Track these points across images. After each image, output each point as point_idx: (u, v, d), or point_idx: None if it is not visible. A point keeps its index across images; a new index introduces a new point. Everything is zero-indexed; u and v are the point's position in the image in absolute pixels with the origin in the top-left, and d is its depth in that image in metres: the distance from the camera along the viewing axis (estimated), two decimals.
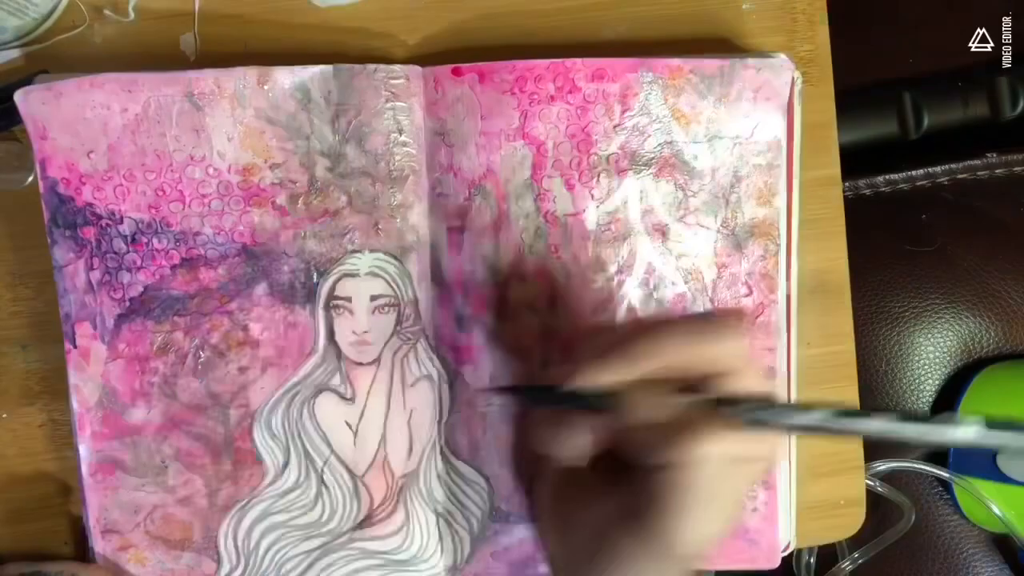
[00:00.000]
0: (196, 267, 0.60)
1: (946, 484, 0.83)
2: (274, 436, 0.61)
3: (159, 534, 0.62)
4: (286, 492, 0.62)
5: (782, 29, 0.66)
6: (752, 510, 0.63)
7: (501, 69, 0.59)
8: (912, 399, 0.85)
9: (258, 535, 0.62)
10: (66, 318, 0.60)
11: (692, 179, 0.61)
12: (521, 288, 0.61)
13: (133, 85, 0.58)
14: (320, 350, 0.61)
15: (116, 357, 0.60)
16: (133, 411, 0.61)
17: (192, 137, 0.59)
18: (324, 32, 0.64)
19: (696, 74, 0.60)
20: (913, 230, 0.85)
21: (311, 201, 0.60)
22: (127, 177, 0.59)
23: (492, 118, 0.60)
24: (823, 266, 0.66)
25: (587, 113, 0.60)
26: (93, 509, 0.62)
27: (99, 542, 0.62)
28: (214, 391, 0.61)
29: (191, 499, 0.62)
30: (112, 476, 0.61)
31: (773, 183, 0.61)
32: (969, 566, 0.85)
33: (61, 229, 0.59)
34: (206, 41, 0.63)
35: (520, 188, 0.60)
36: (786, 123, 0.61)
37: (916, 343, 0.85)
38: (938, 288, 0.85)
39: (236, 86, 0.59)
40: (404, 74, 0.60)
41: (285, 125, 0.59)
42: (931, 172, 0.85)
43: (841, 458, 0.68)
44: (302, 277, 0.61)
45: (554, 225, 0.60)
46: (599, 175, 0.60)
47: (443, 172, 0.60)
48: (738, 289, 0.62)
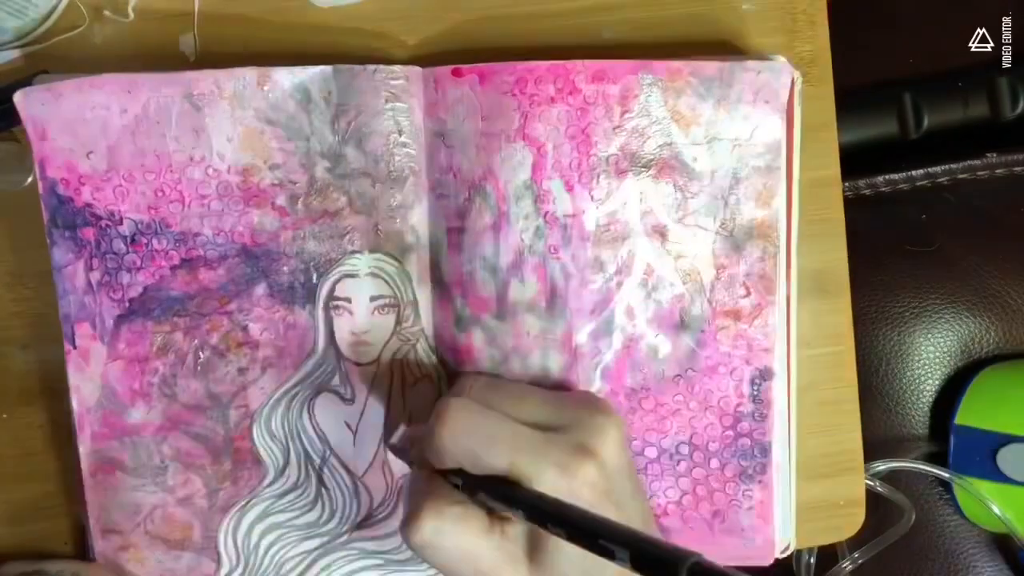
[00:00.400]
0: (196, 268, 0.60)
1: (946, 484, 0.83)
2: (273, 436, 0.62)
3: (159, 534, 0.62)
4: (286, 492, 0.62)
5: (782, 30, 0.66)
6: (748, 508, 0.63)
7: (501, 70, 0.59)
8: (912, 399, 0.84)
9: (258, 535, 0.62)
10: (65, 319, 0.60)
11: (691, 181, 0.61)
12: None
13: (133, 86, 0.58)
14: (320, 351, 0.62)
15: (116, 358, 0.60)
16: (132, 411, 0.61)
17: (192, 138, 0.59)
18: (324, 33, 0.64)
19: (696, 76, 0.60)
20: (913, 230, 0.85)
21: (311, 202, 0.60)
22: (127, 178, 0.59)
23: (492, 119, 0.60)
24: (823, 266, 0.67)
25: (587, 115, 0.60)
26: (93, 509, 0.62)
27: (99, 542, 0.62)
28: (214, 391, 0.61)
29: (191, 499, 0.62)
30: (112, 476, 0.61)
31: (772, 185, 0.61)
32: (969, 566, 0.85)
33: (60, 230, 0.59)
34: (206, 41, 0.63)
35: (520, 189, 0.60)
36: (785, 125, 0.61)
37: (916, 343, 0.85)
38: (938, 288, 0.84)
39: (236, 87, 0.59)
40: (404, 75, 0.60)
41: (285, 126, 0.59)
42: (931, 172, 0.85)
43: (841, 458, 0.68)
44: (302, 278, 0.61)
45: (553, 226, 0.60)
46: (599, 176, 0.60)
47: (443, 173, 0.60)
48: (736, 290, 0.62)
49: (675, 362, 0.62)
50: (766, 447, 0.63)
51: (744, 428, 0.63)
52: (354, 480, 0.62)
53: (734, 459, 0.63)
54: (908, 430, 0.85)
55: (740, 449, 0.63)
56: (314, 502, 0.62)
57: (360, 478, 0.62)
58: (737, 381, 0.62)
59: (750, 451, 0.63)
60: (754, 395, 0.62)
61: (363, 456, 0.62)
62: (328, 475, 0.62)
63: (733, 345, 0.62)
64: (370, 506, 0.63)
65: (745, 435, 0.63)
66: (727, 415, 0.63)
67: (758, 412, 0.63)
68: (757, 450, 0.63)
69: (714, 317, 0.62)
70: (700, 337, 0.62)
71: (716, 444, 0.63)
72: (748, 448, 0.63)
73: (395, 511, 0.63)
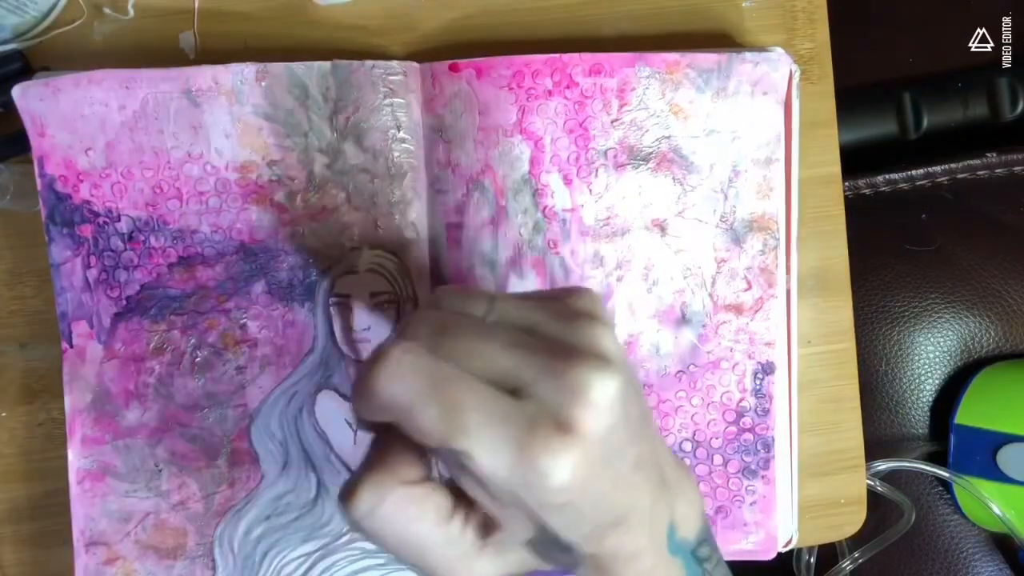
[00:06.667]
0: (193, 265, 0.60)
1: (946, 484, 0.83)
2: (272, 436, 0.61)
3: (151, 543, 0.61)
4: (284, 493, 0.62)
5: (782, 27, 0.66)
6: (750, 503, 0.63)
7: (498, 64, 0.59)
8: (912, 399, 0.84)
9: (255, 539, 0.62)
10: (63, 316, 0.60)
11: (690, 174, 0.61)
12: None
13: (131, 82, 0.58)
14: (319, 348, 0.61)
15: (112, 357, 0.60)
16: (127, 413, 0.61)
17: (190, 134, 0.59)
18: (323, 29, 0.64)
19: (693, 68, 0.60)
20: (913, 230, 0.85)
21: (309, 198, 0.60)
22: (125, 174, 0.59)
23: (490, 114, 0.60)
24: (824, 264, 0.67)
25: (585, 108, 0.60)
26: (78, 520, 0.61)
27: (82, 556, 0.61)
28: (211, 391, 0.61)
29: (185, 504, 0.61)
30: (101, 483, 0.61)
31: (772, 177, 0.61)
32: (969, 566, 0.85)
33: (58, 227, 0.59)
34: (206, 39, 0.63)
35: (518, 184, 0.60)
36: (784, 117, 0.61)
37: (916, 343, 0.85)
38: (938, 288, 0.85)
39: (234, 82, 0.59)
40: (402, 70, 0.60)
41: (283, 122, 0.59)
42: (931, 172, 0.85)
43: (842, 456, 0.68)
44: (300, 275, 0.61)
45: (552, 220, 0.60)
46: (597, 170, 0.60)
47: (441, 168, 0.60)
48: (737, 284, 0.62)
49: (677, 358, 0.62)
50: (768, 442, 0.63)
51: (747, 423, 0.63)
52: None
53: (737, 455, 0.63)
54: (908, 430, 0.85)
55: (743, 444, 0.63)
56: (314, 502, 0.62)
57: None
58: (739, 376, 0.62)
59: (753, 446, 0.63)
60: (756, 389, 0.62)
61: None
62: (328, 474, 0.62)
63: (735, 339, 0.62)
64: None
65: (748, 430, 0.63)
66: (730, 410, 0.62)
67: (760, 407, 0.62)
68: (760, 445, 0.63)
69: (715, 311, 0.62)
70: (702, 332, 0.62)
71: (719, 440, 0.63)
72: (751, 443, 0.63)
73: None
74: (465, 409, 0.37)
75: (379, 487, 0.40)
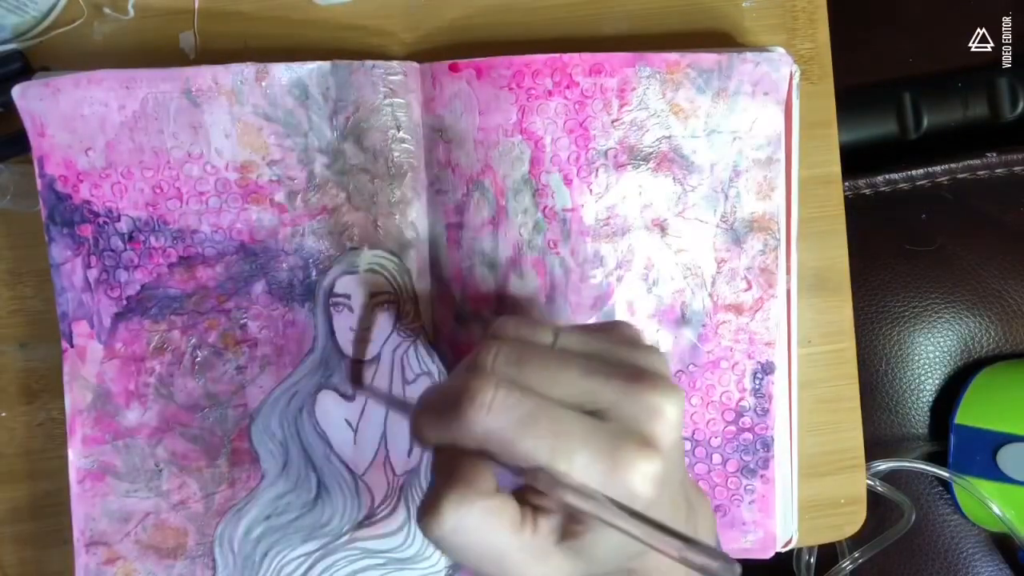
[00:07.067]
0: (194, 265, 0.60)
1: (946, 484, 0.83)
2: (272, 436, 0.61)
3: (151, 543, 0.61)
4: (284, 493, 0.62)
5: (782, 27, 0.66)
6: (749, 502, 0.63)
7: (498, 64, 0.59)
8: (912, 399, 0.84)
9: (255, 538, 0.62)
10: (63, 316, 0.60)
11: (691, 174, 0.61)
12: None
13: (131, 82, 0.58)
14: (319, 348, 0.61)
15: (112, 357, 0.60)
16: (127, 413, 0.61)
17: (190, 134, 0.59)
18: (323, 29, 0.64)
19: (694, 68, 0.60)
20: (913, 230, 0.85)
21: (309, 198, 0.60)
22: (125, 174, 0.59)
23: (490, 114, 0.60)
24: (824, 264, 0.67)
25: (585, 108, 0.60)
26: (78, 520, 0.61)
27: (82, 556, 0.61)
28: (211, 391, 0.61)
29: (186, 503, 0.61)
30: (101, 483, 0.61)
31: (772, 177, 0.61)
32: (969, 566, 0.85)
33: (59, 227, 0.59)
34: (206, 39, 0.63)
35: (518, 184, 0.60)
36: (785, 117, 0.61)
37: (916, 343, 0.84)
38: (938, 288, 0.85)
39: (234, 82, 0.59)
40: (402, 70, 0.60)
41: (283, 122, 0.59)
42: (931, 172, 0.85)
43: (842, 456, 0.68)
44: (300, 275, 0.61)
45: (552, 220, 0.60)
46: (597, 170, 0.60)
47: (441, 168, 0.60)
48: (737, 284, 0.62)
49: (677, 357, 0.62)
50: (768, 441, 0.63)
51: (746, 423, 0.63)
52: (355, 479, 0.62)
53: (736, 454, 0.63)
54: (908, 430, 0.85)
55: (742, 444, 0.63)
56: (314, 502, 0.62)
57: (361, 476, 0.62)
58: (739, 375, 0.62)
59: (752, 445, 0.63)
60: (756, 389, 0.62)
61: (364, 454, 0.62)
62: (328, 474, 0.62)
63: (734, 339, 0.62)
64: (371, 505, 0.62)
65: (747, 430, 0.63)
66: (729, 410, 0.62)
67: (760, 406, 0.62)
68: (759, 444, 0.63)
69: (715, 311, 0.62)
70: (701, 332, 0.62)
71: (718, 439, 0.63)
72: (750, 443, 0.63)
73: (396, 509, 0.62)
74: (562, 435, 0.41)
75: (463, 501, 0.42)
